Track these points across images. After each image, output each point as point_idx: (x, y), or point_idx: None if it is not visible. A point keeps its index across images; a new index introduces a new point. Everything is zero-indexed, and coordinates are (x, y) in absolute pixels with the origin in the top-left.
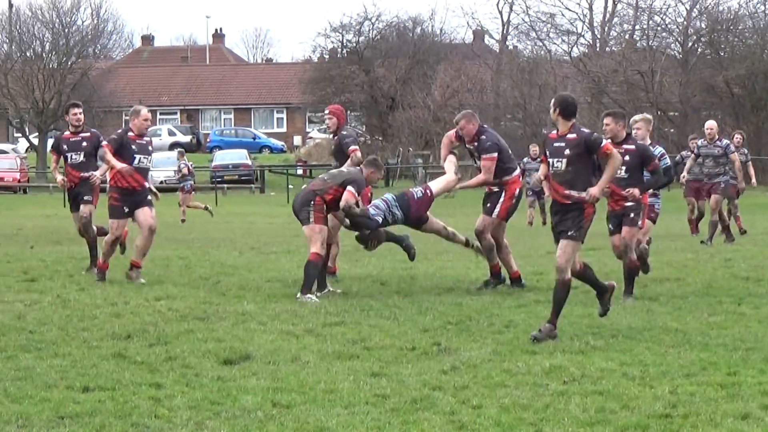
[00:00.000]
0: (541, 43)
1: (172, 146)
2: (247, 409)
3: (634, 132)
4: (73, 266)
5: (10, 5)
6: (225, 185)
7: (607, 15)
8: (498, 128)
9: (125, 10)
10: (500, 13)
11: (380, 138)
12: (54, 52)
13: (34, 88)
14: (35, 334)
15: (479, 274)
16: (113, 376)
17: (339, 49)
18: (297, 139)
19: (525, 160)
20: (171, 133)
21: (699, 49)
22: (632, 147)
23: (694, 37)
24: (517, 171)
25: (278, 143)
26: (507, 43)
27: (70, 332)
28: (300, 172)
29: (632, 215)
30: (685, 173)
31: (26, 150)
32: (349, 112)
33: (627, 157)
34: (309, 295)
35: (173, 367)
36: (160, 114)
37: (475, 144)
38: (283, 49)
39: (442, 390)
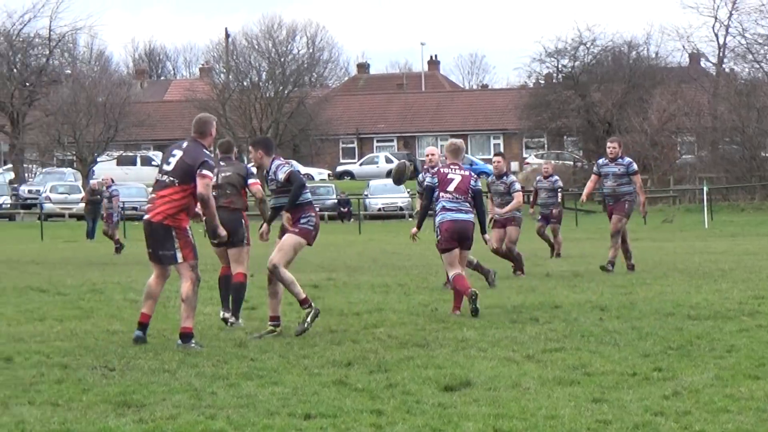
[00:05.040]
0: (758, 66)
1: (389, 173)
2: None
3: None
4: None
5: (227, 35)
6: None
7: None
8: (716, 151)
9: (340, 39)
10: (716, 35)
11: None
12: (270, 81)
13: (252, 117)
14: (256, 362)
15: (699, 298)
16: (334, 403)
17: (554, 74)
18: (514, 165)
19: (538, 178)
20: (388, 161)
21: None
22: None
23: None
24: None
25: None
26: (723, 65)
27: (291, 360)
28: None
29: None
30: None
31: None
32: (565, 137)
33: None
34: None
35: (394, 393)
36: (377, 141)
37: None
38: (499, 75)
39: (664, 415)
